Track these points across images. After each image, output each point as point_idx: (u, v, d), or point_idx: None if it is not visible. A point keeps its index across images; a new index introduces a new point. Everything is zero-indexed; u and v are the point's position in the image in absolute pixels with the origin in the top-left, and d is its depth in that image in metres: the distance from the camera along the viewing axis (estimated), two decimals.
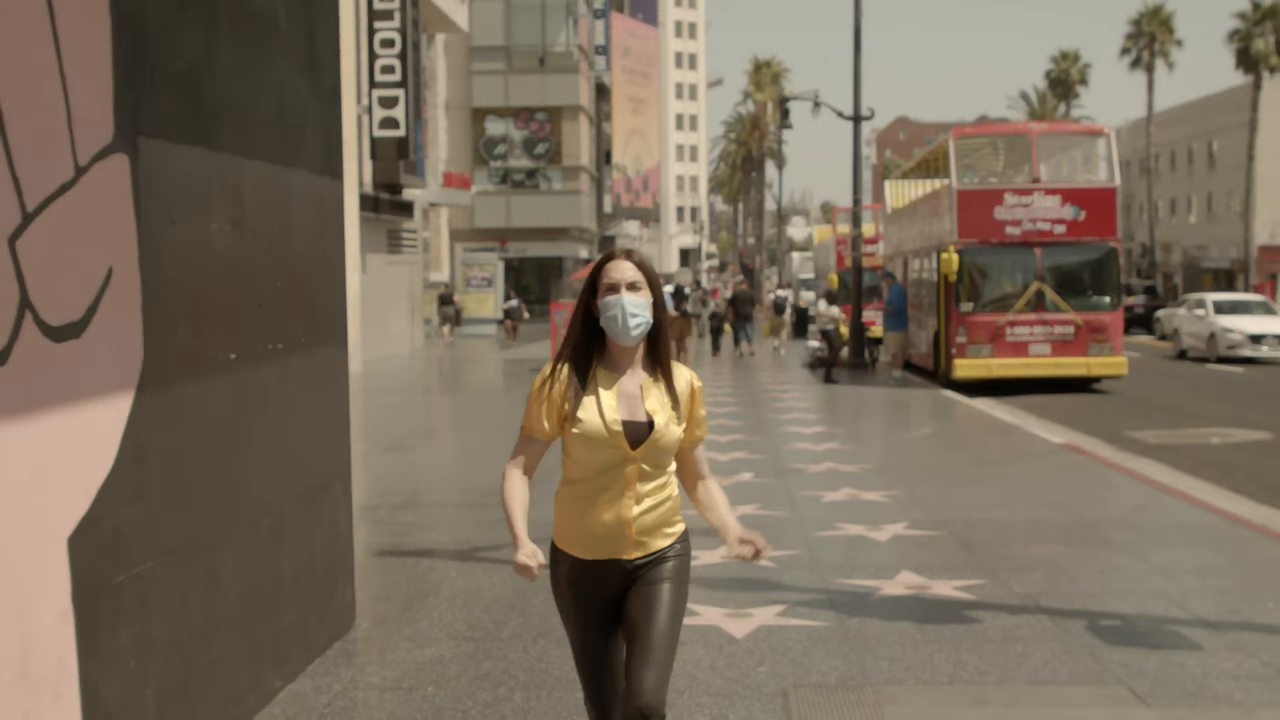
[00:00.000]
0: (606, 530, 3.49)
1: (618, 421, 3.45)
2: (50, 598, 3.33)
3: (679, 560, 3.62)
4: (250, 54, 4.76)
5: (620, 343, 3.50)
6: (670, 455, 3.57)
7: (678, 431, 3.53)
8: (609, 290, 3.49)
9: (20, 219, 3.20)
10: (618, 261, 3.55)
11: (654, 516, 3.53)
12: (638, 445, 3.46)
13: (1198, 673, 5.36)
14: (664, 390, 3.53)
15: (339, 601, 5.88)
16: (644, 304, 3.48)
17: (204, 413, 4.31)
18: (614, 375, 3.53)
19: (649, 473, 3.51)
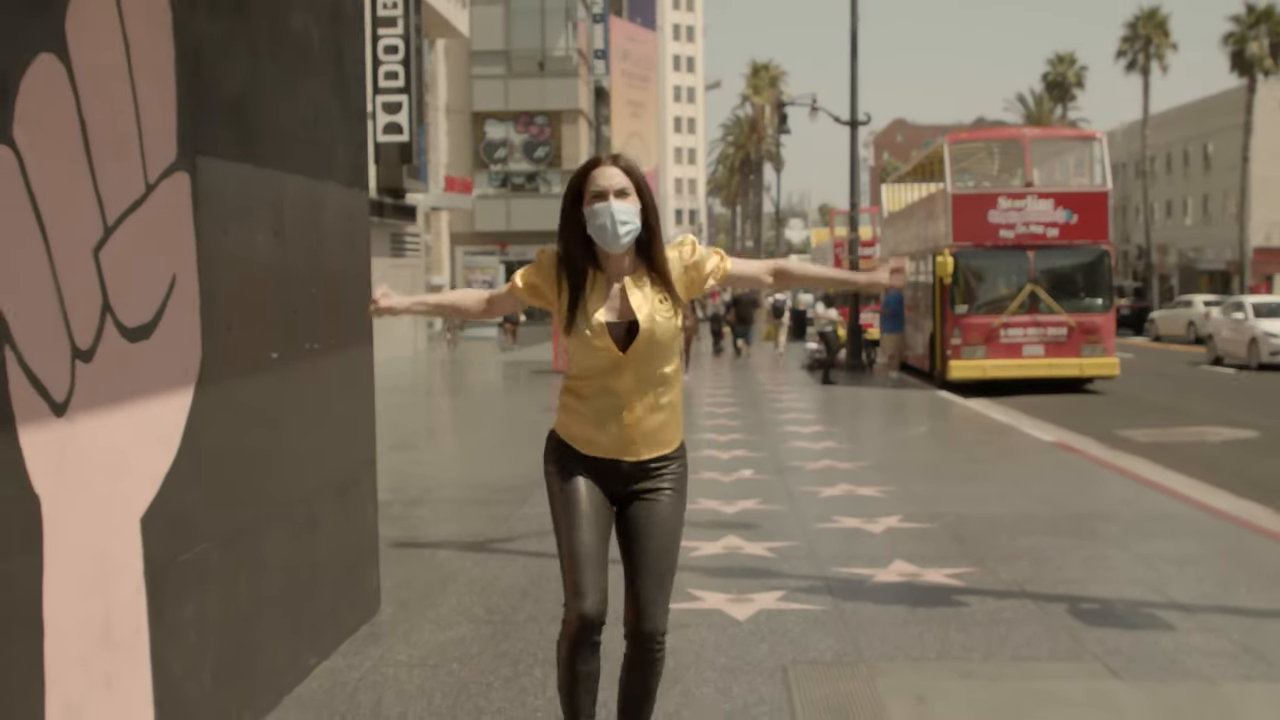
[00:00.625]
0: (605, 431, 3.52)
1: (603, 324, 3.46)
2: (127, 572, 3.71)
3: (677, 477, 3.65)
4: (288, 76, 5.14)
5: (610, 250, 3.47)
6: (667, 353, 3.55)
7: (667, 325, 3.50)
8: (596, 198, 3.44)
9: (103, 232, 3.59)
10: (604, 167, 3.48)
11: (653, 422, 3.54)
12: (625, 346, 3.47)
13: (1170, 650, 5.75)
14: (653, 284, 3.52)
15: (366, 587, 6.26)
16: (633, 210, 3.45)
17: (251, 408, 4.69)
18: (604, 277, 3.53)
19: (645, 374, 3.51)
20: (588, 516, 3.53)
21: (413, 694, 5.18)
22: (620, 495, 3.60)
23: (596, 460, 3.55)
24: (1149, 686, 5.21)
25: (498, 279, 46.47)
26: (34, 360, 3.23)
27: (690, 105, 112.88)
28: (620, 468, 3.56)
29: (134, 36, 3.78)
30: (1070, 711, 4.93)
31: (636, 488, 3.58)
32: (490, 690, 5.21)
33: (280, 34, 5.05)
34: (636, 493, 3.58)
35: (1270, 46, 57.61)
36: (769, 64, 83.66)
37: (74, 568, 3.42)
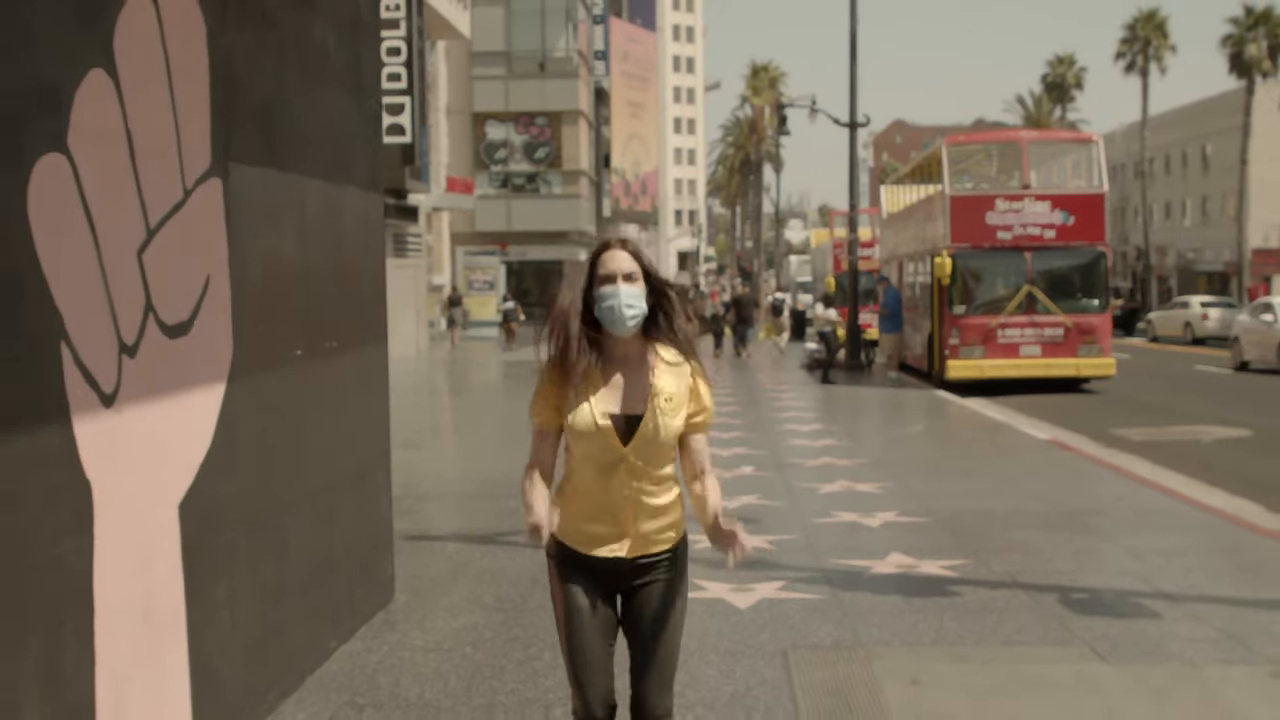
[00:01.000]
0: (605, 528, 3.50)
1: (606, 415, 3.44)
2: (166, 555, 3.95)
3: (678, 566, 3.63)
4: (310, 83, 5.37)
5: (616, 333, 3.46)
6: (667, 451, 3.52)
7: (669, 423, 3.47)
8: (605, 281, 3.46)
9: (145, 234, 3.82)
10: (613, 251, 3.51)
11: (653, 520, 3.52)
12: (627, 439, 3.44)
13: (1155, 636, 5.98)
14: (660, 378, 3.49)
15: (381, 576, 6.50)
16: (639, 294, 3.46)
17: (276, 402, 4.92)
18: (609, 367, 3.51)
19: (644, 470, 3.47)
20: (589, 619, 3.53)
21: (429, 676, 5.41)
22: (620, 592, 3.59)
23: (595, 560, 3.53)
24: (1134, 669, 5.44)
25: (498, 279, 46.79)
26: (86, 354, 3.46)
27: (690, 106, 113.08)
28: (619, 566, 3.53)
29: (173, 50, 4.01)
30: (1058, 693, 5.16)
31: (635, 584, 3.56)
32: (503, 672, 5.44)
33: (303, 44, 5.29)
34: (635, 589, 3.57)
35: (1268, 48, 57.86)
36: (768, 65, 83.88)
37: (120, 549, 3.65)
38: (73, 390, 3.40)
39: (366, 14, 6.23)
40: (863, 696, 5.09)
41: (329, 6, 5.59)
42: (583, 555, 3.53)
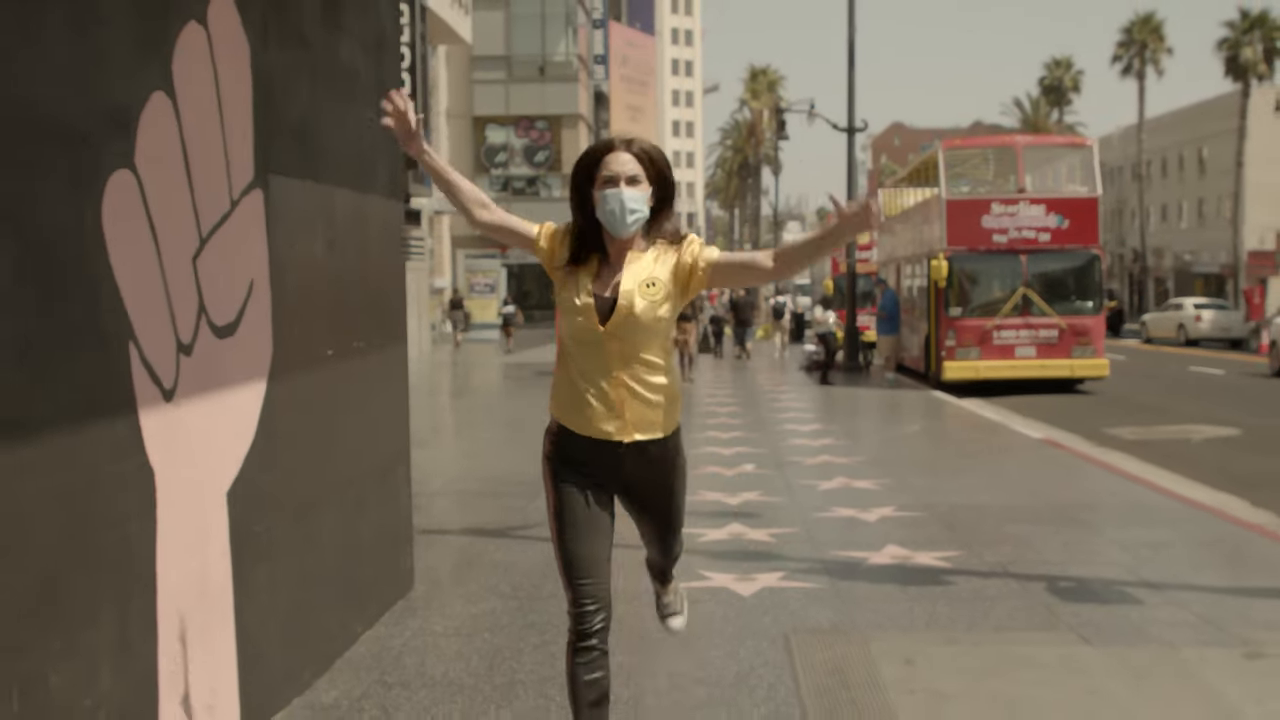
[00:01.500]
0: (594, 407, 3.53)
1: (589, 295, 3.50)
2: (217, 537, 4.27)
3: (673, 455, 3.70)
4: (339, 99, 5.70)
5: (616, 235, 3.51)
6: (652, 336, 3.53)
7: (649, 308, 3.50)
8: (607, 183, 3.47)
9: (198, 243, 4.15)
10: (617, 153, 3.51)
11: (643, 404, 3.54)
12: (605, 320, 3.48)
13: (1138, 621, 6.31)
14: (649, 264, 3.55)
15: (402, 566, 6.82)
16: (642, 198, 3.48)
17: (310, 399, 5.25)
18: (601, 257, 3.58)
19: (631, 354, 3.51)
20: (583, 523, 3.56)
21: (451, 658, 5.74)
22: (616, 481, 3.64)
23: (589, 442, 3.56)
24: (1116, 651, 5.77)
25: (499, 282, 47.11)
26: (150, 352, 3.79)
27: (689, 109, 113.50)
28: (613, 449, 3.56)
29: (222, 72, 4.34)
30: (1043, 673, 5.49)
31: (631, 471, 3.61)
32: (521, 655, 5.76)
33: (333, 62, 5.62)
34: (632, 476, 3.62)
35: (1264, 52, 58.24)
36: (767, 68, 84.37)
37: (178, 532, 3.98)
38: (139, 385, 3.72)
39: (389, 33, 6.56)
40: (860, 675, 5.42)
41: (356, 26, 5.92)
42: (579, 438, 3.56)
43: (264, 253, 4.73)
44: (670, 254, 3.58)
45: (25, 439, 3.13)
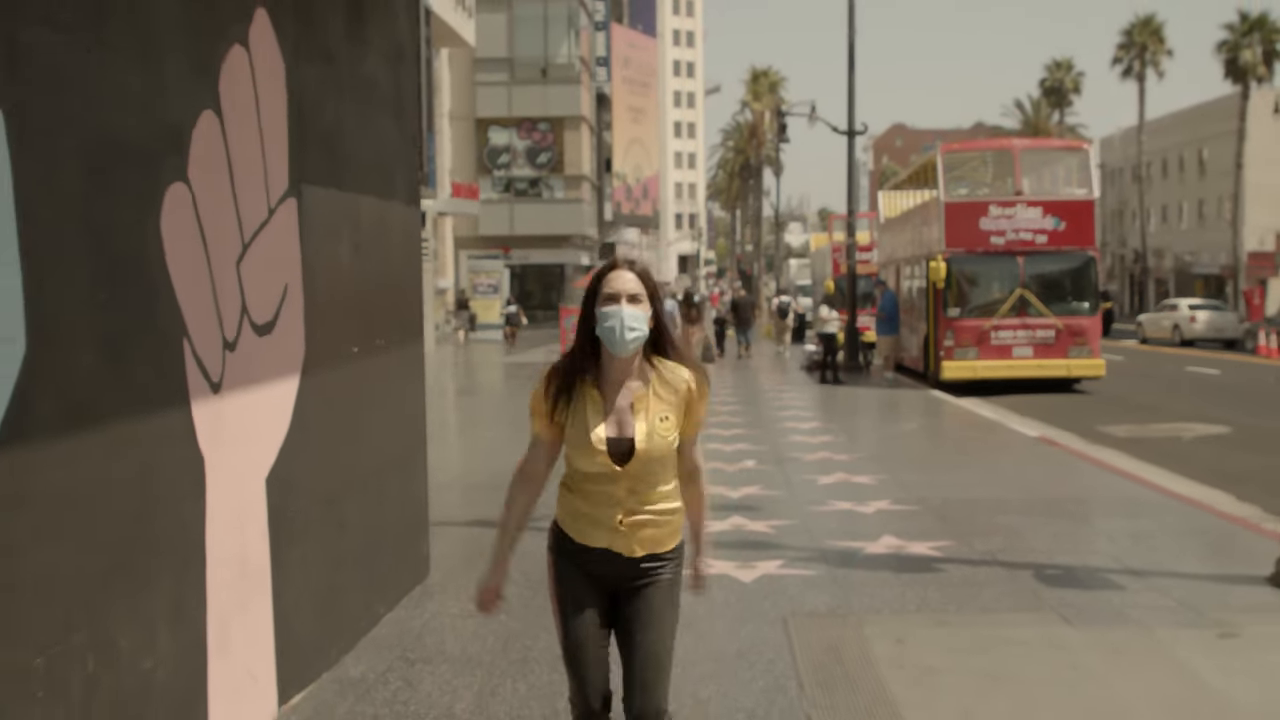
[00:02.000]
0: (602, 528, 3.55)
1: (602, 439, 3.47)
2: (256, 520, 4.62)
3: (673, 571, 3.66)
4: (362, 111, 6.05)
5: (615, 354, 3.48)
6: (664, 467, 3.57)
7: (665, 444, 3.52)
8: (608, 300, 3.47)
9: (241, 248, 4.50)
10: (619, 272, 3.53)
11: (652, 529, 3.57)
12: (624, 461, 3.48)
13: (1118, 605, 6.66)
14: (657, 396, 3.54)
15: (419, 554, 7.17)
16: (642, 317, 3.47)
17: (338, 393, 5.60)
18: (608, 387, 3.54)
19: (643, 487, 3.53)
20: (586, 613, 3.60)
21: (468, 637, 6.10)
22: (616, 589, 3.62)
23: (595, 552, 3.58)
24: (1095, 631, 6.12)
25: (502, 282, 47.44)
26: (200, 348, 4.14)
27: (690, 110, 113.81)
28: (617, 561, 3.57)
29: (261, 90, 4.69)
30: (1026, 649, 5.84)
31: (633, 584, 3.60)
32: (535, 635, 6.12)
33: (357, 75, 5.97)
34: (632, 588, 3.60)
35: (1263, 54, 58.46)
36: (768, 70, 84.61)
37: (224, 513, 4.33)
38: (191, 379, 4.07)
39: (407, 44, 6.90)
40: (853, 652, 5.77)
41: (378, 40, 6.27)
42: (581, 546, 3.58)
43: (297, 256, 5.08)
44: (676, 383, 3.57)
45: (102, 424, 3.49)
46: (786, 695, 5.22)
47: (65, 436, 3.31)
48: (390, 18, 6.49)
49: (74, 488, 3.38)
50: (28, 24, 3.15)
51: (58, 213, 3.28)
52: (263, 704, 4.71)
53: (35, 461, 3.16)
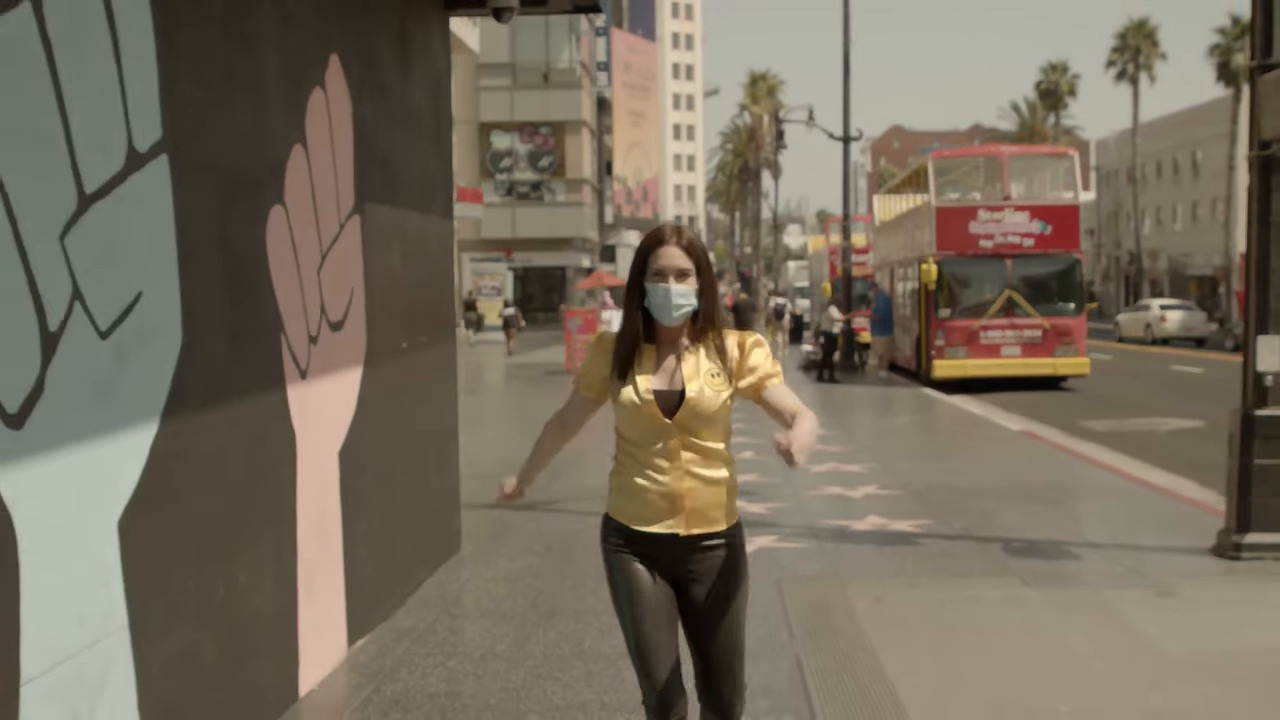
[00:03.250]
0: (655, 501, 3.49)
1: (649, 391, 3.46)
2: (331, 488, 5.48)
3: (734, 555, 3.59)
4: (409, 138, 6.91)
5: (663, 322, 3.51)
6: (717, 425, 3.52)
7: (717, 398, 3.48)
8: (657, 276, 3.48)
9: (320, 258, 5.36)
10: (668, 247, 3.51)
11: (707, 494, 3.50)
12: (672, 414, 3.45)
13: (1074, 572, 7.52)
14: (707, 357, 3.53)
15: (452, 529, 8.04)
16: (690, 292, 3.49)
17: (391, 383, 6.46)
18: (654, 348, 3.55)
19: (695, 444, 3.48)
20: (651, 609, 3.50)
21: (501, 597, 6.96)
22: (678, 578, 3.56)
23: (649, 537, 3.52)
24: (1050, 592, 6.99)
25: (505, 285, 48.32)
26: (292, 341, 5.01)
27: (690, 112, 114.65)
28: (674, 543, 3.51)
29: (335, 124, 5.56)
30: (987, 607, 6.70)
31: (693, 569, 3.54)
32: (559, 594, 6.98)
33: (405, 108, 6.83)
34: (693, 575, 3.54)
35: None
36: (766, 74, 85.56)
37: (309, 479, 5.19)
38: (286, 366, 4.94)
39: (443, 75, 7.76)
40: (838, 608, 6.64)
41: (421, 75, 7.13)
42: (636, 532, 3.52)
43: (360, 264, 5.94)
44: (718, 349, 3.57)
45: (228, 401, 4.35)
46: (779, 641, 6.09)
47: (206, 409, 4.17)
48: (430, 56, 7.35)
49: (210, 450, 4.24)
50: (185, 84, 4.02)
51: (199, 232, 4.14)
52: (336, 644, 5.58)
53: (188, 427, 4.02)
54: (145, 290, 3.75)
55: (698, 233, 3.75)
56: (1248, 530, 7.84)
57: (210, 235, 4.22)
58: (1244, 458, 7.91)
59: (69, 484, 3.34)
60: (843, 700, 5.18)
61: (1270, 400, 7.94)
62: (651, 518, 3.51)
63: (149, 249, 3.79)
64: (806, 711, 5.05)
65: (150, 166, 3.77)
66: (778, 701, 5.18)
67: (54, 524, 3.27)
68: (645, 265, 3.54)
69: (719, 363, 3.54)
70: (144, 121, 3.74)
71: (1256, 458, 7.86)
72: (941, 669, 5.62)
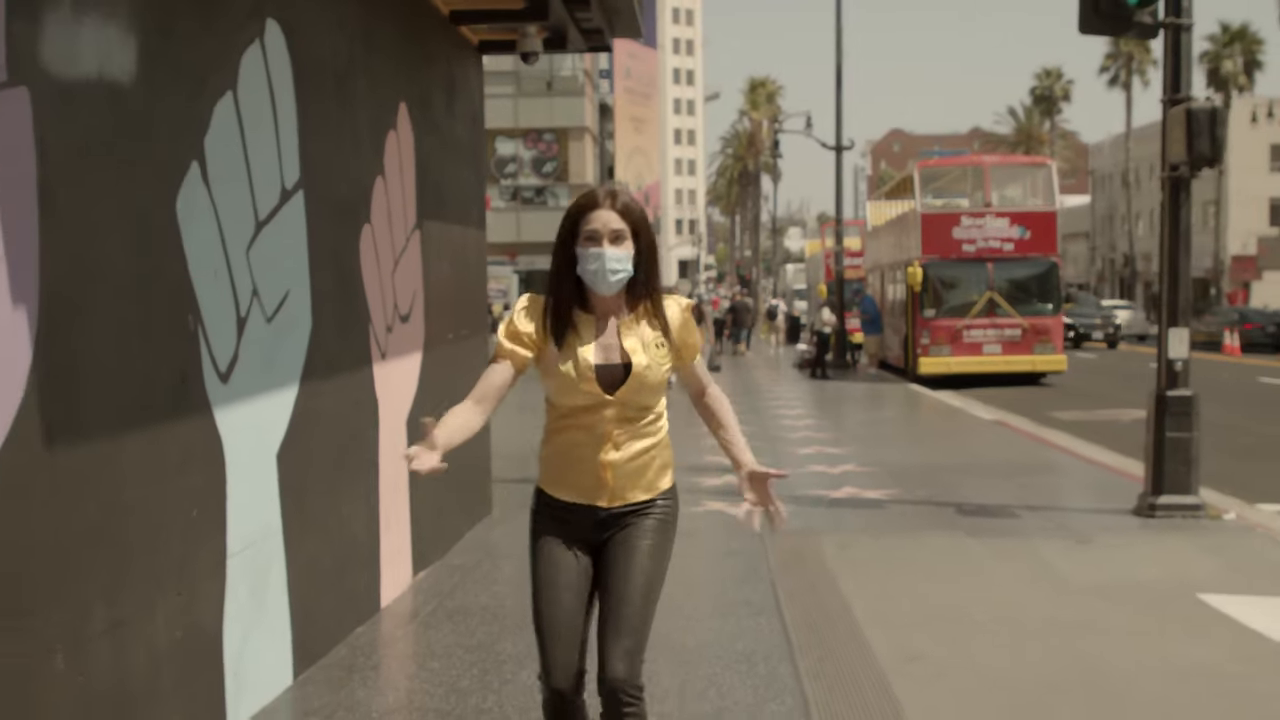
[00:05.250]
0: (583, 474, 3.39)
1: (590, 366, 3.32)
2: (401, 448, 6.89)
3: (662, 519, 3.50)
4: (454, 164, 8.32)
5: (599, 292, 3.34)
6: (656, 397, 3.43)
7: (660, 370, 3.39)
8: (589, 240, 3.30)
9: (393, 265, 6.77)
10: (601, 210, 3.32)
11: (635, 465, 3.41)
12: (614, 388, 3.34)
13: (1012, 527, 8.93)
14: (649, 326, 3.40)
15: (485, 493, 9.46)
16: (626, 257, 3.31)
17: (442, 366, 7.86)
18: (593, 318, 3.39)
19: (631, 417, 3.39)
20: (562, 586, 3.41)
21: None
22: (599, 542, 3.47)
23: (573, 508, 3.44)
24: (988, 540, 8.40)
25: (511, 288, 49.68)
26: (376, 330, 6.42)
27: (690, 117, 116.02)
28: (596, 515, 3.43)
29: (403, 158, 6.98)
30: (932, 551, 8.12)
31: (617, 534, 3.45)
32: None
33: (451, 139, 8.25)
34: (615, 538, 3.45)
35: (1244, 64, 60.63)
36: (766, 80, 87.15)
37: (386, 441, 6.61)
38: (372, 349, 6.35)
39: (479, 109, 9.18)
40: (809, 553, 8.05)
41: (461, 111, 8.55)
42: (562, 503, 3.45)
43: (420, 270, 7.36)
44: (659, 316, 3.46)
45: (337, 374, 5.77)
46: (759, 573, 7.50)
47: (325, 379, 5.58)
48: (469, 94, 8.77)
49: (327, 410, 5.65)
50: (313, 139, 5.44)
51: (321, 246, 5.56)
52: (405, 572, 6.99)
53: (315, 391, 5.44)
54: (291, 289, 5.17)
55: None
56: (1161, 493, 9.26)
57: (327, 249, 5.64)
58: (1158, 432, 9.32)
59: (251, 425, 4.76)
60: (805, 606, 6.61)
61: (1179, 383, 9.36)
62: (579, 491, 3.44)
63: (293, 259, 5.21)
64: (776, 614, 6.47)
65: (293, 200, 5.19)
66: (755, 609, 6.60)
67: (243, 452, 4.69)
68: (576, 230, 3.35)
69: (661, 331, 3.43)
70: (290, 168, 5.16)
71: (1168, 431, 9.28)
72: (885, 589, 7.04)
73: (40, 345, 3.34)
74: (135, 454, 3.86)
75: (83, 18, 3.58)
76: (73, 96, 3.52)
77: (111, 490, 3.73)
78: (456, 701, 5.16)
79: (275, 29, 5.07)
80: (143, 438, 3.91)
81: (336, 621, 5.84)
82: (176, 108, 4.16)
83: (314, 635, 5.50)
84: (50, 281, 3.39)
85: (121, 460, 3.78)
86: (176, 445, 4.16)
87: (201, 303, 4.32)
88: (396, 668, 5.75)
